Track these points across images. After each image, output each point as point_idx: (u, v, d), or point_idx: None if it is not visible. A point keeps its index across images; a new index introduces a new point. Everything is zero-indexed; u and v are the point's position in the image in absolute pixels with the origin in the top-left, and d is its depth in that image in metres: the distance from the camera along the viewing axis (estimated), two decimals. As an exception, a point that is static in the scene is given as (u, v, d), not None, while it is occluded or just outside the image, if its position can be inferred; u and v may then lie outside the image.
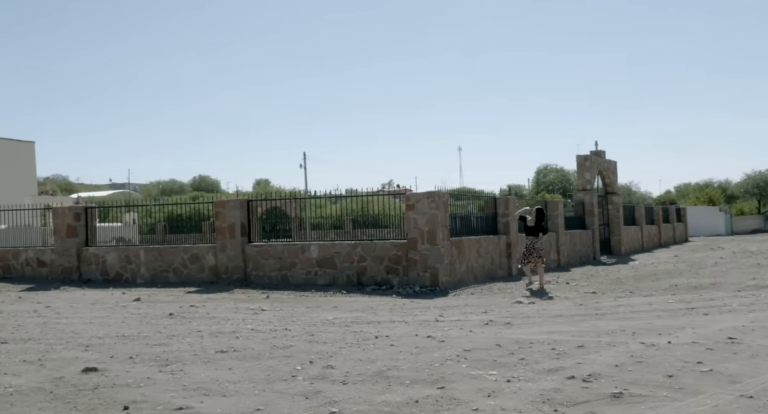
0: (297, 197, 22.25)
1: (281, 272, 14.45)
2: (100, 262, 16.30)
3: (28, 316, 10.31)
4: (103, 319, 9.76)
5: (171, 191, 61.59)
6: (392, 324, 8.74)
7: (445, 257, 13.43)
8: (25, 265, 16.99)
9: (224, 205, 15.17)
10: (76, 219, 16.60)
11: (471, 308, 10.33)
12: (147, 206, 23.16)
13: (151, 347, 7.24)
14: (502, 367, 5.92)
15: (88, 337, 7.99)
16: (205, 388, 5.38)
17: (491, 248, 15.93)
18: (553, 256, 19.74)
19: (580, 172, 24.40)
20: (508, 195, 21.80)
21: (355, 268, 13.83)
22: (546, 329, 8.02)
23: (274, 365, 6.18)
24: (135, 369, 6.13)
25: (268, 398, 5.03)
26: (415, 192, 14.61)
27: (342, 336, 7.77)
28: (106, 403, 4.99)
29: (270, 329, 8.40)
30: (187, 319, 9.51)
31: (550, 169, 61.48)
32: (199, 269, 15.28)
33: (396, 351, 6.76)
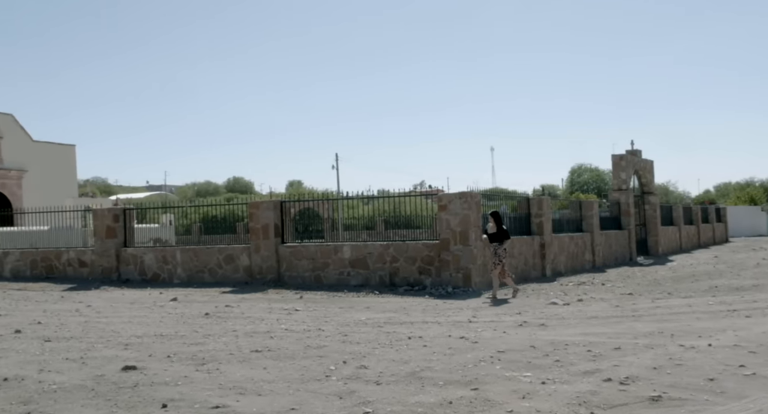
0: (329, 198, 22.40)
1: (314, 273, 14.55)
2: (138, 263, 16.64)
3: (70, 315, 10.59)
4: (142, 318, 9.96)
5: (206, 193, 62.59)
6: (425, 325, 8.72)
7: (478, 258, 13.35)
8: (67, 265, 17.45)
9: (258, 207, 15.35)
10: (115, 220, 16.98)
11: (504, 309, 10.25)
12: (183, 207, 23.56)
13: (187, 346, 7.37)
14: (536, 368, 5.86)
15: (128, 336, 8.17)
16: (240, 387, 5.45)
17: (524, 249, 15.78)
18: (587, 256, 19.47)
19: (615, 172, 24.01)
20: (542, 195, 21.57)
21: (387, 269, 13.84)
22: (581, 331, 7.91)
23: (308, 365, 6.23)
24: (172, 368, 6.25)
25: (302, 398, 5.07)
26: (447, 192, 14.57)
27: (375, 336, 7.78)
28: (145, 401, 5.09)
29: (304, 329, 8.46)
30: (223, 319, 9.65)
31: (584, 169, 60.65)
32: (234, 270, 15.49)
33: (429, 352, 6.75)
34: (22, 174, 37.72)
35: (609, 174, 41.63)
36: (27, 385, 5.68)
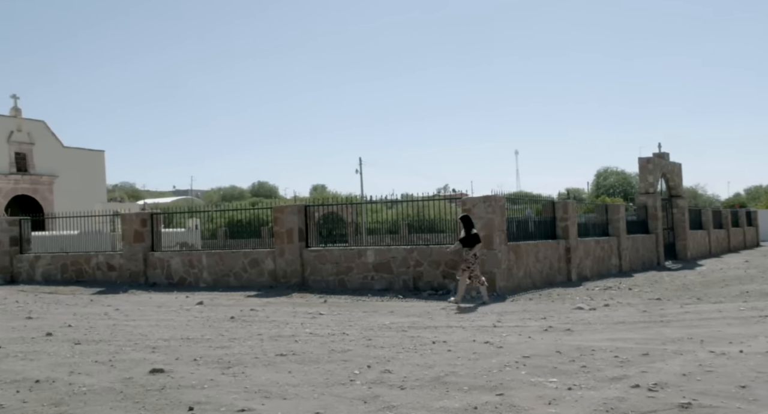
0: (353, 202, 22.46)
1: (338, 277, 14.59)
2: (165, 267, 16.86)
3: (99, 318, 10.77)
4: (169, 321, 10.09)
5: (231, 197, 63.22)
6: (449, 329, 8.69)
7: (503, 262, 13.27)
8: (96, 269, 17.75)
9: (282, 211, 15.45)
10: (142, 225, 17.23)
11: (529, 314, 10.16)
12: (209, 212, 23.84)
13: (213, 350, 7.44)
14: (562, 374, 5.80)
15: (155, 339, 8.28)
16: (265, 390, 5.48)
17: (550, 253, 15.63)
18: (614, 261, 19.22)
19: (642, 175, 23.67)
20: (567, 199, 21.36)
21: (411, 273, 13.82)
22: (608, 336, 7.80)
23: (332, 369, 6.25)
24: (199, 371, 6.31)
25: (327, 402, 5.09)
26: (472, 196, 14.51)
27: (399, 341, 7.78)
28: (172, 403, 5.15)
29: (328, 333, 8.49)
30: (248, 323, 9.73)
31: (610, 172, 59.91)
32: (259, 273, 15.60)
33: (453, 356, 6.72)
34: (53, 179, 38.54)
35: (635, 177, 41.04)
36: (58, 387, 5.79)
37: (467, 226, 11.97)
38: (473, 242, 11.85)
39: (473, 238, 11.87)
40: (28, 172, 37.46)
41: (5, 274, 18.81)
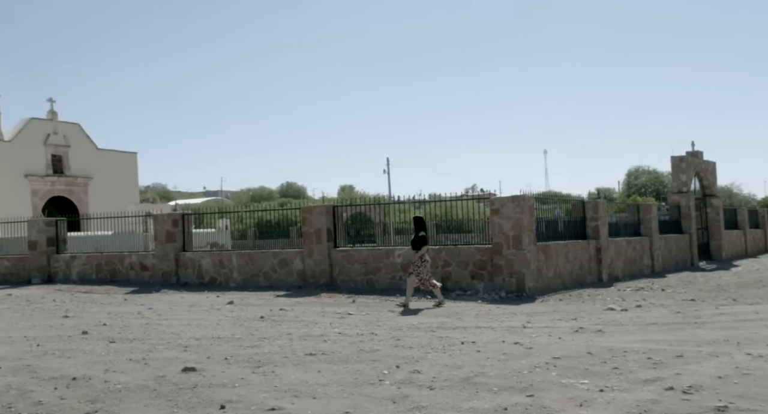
0: (381, 203, 22.50)
1: (366, 277, 14.63)
2: (196, 267, 17.10)
3: (133, 317, 10.97)
4: (200, 321, 10.23)
5: (260, 198, 63.82)
6: (478, 330, 8.65)
7: (532, 262, 13.15)
8: (129, 269, 18.09)
9: (311, 211, 15.55)
10: (174, 225, 17.50)
11: (560, 315, 10.05)
12: (238, 212, 24.11)
13: (244, 349, 7.52)
14: (594, 376, 5.72)
15: (187, 338, 8.41)
16: (295, 389, 5.53)
17: (580, 253, 15.45)
18: (646, 261, 18.90)
19: (675, 174, 23.23)
20: (597, 198, 21.05)
21: (439, 273, 13.78)
22: (641, 338, 7.68)
23: (361, 369, 6.27)
24: (230, 370, 6.39)
25: (356, 401, 5.11)
26: (500, 196, 14.41)
27: (428, 341, 7.77)
28: (204, 402, 5.22)
29: (356, 333, 8.52)
30: (277, 322, 9.81)
31: (642, 172, 58.91)
32: (288, 273, 15.73)
33: (483, 357, 6.69)
34: (88, 181, 39.38)
35: (668, 176, 40.31)
36: (94, 384, 5.91)
37: (416, 228, 11.82)
38: (419, 244, 11.64)
39: (419, 241, 11.68)
40: (64, 173, 38.34)
41: (43, 274, 19.29)
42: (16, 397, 5.50)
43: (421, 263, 11.62)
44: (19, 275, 19.79)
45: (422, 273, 11.61)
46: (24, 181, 36.28)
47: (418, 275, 11.60)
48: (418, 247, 11.66)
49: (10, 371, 6.56)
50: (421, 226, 11.81)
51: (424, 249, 11.62)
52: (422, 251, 11.60)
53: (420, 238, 11.70)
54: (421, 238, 11.71)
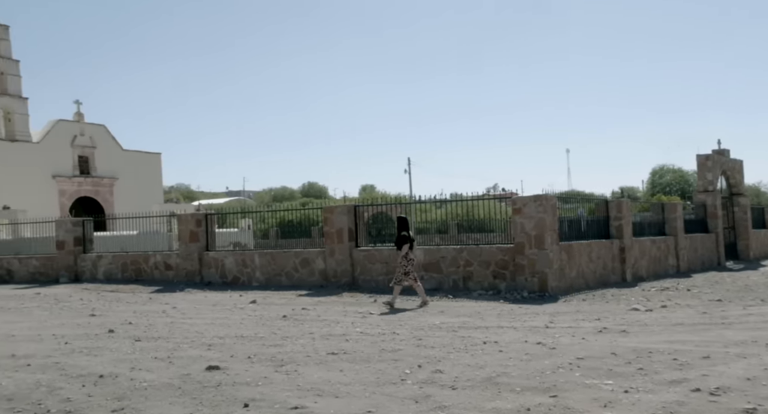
0: (402, 202, 22.49)
1: (388, 276, 14.62)
2: (219, 266, 17.27)
3: (158, 316, 11.12)
4: (223, 320, 10.34)
5: (282, 198, 64.17)
6: (500, 330, 8.61)
7: (554, 262, 13.05)
8: (154, 268, 18.33)
9: (332, 211, 15.61)
10: (197, 225, 17.69)
11: (583, 315, 9.96)
12: (260, 212, 24.29)
13: (267, 348, 7.58)
14: (618, 376, 5.67)
15: (210, 337, 8.50)
16: (318, 388, 5.56)
17: (603, 253, 15.28)
18: (671, 261, 18.65)
19: (700, 173, 22.86)
20: (621, 197, 20.82)
21: (461, 273, 13.75)
22: (666, 338, 7.58)
23: (383, 368, 6.28)
24: (253, 368, 6.45)
25: (378, 401, 5.12)
26: (522, 195, 14.32)
27: (450, 341, 7.75)
28: (228, 400, 5.28)
29: (378, 332, 8.53)
30: (300, 322, 9.87)
31: (666, 170, 58.09)
32: (309, 273, 15.81)
33: (505, 357, 6.66)
34: (114, 181, 40.01)
35: (693, 175, 39.63)
36: (120, 382, 6.01)
37: (399, 227, 12.07)
38: (400, 243, 11.84)
39: (402, 240, 11.86)
40: (90, 174, 38.99)
41: (70, 273, 19.63)
42: (45, 394, 5.61)
43: (407, 262, 11.79)
44: (48, 274, 20.17)
45: (412, 271, 11.80)
46: (52, 181, 36.98)
47: (407, 274, 11.74)
48: (400, 246, 11.86)
49: (39, 368, 6.69)
50: (404, 226, 12.06)
51: (405, 248, 11.80)
52: (404, 250, 11.79)
53: (402, 238, 11.90)
54: (403, 237, 11.91)
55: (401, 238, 11.90)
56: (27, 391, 5.72)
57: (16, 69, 37.13)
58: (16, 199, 32.81)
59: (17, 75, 37.09)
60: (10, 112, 36.26)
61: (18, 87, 36.95)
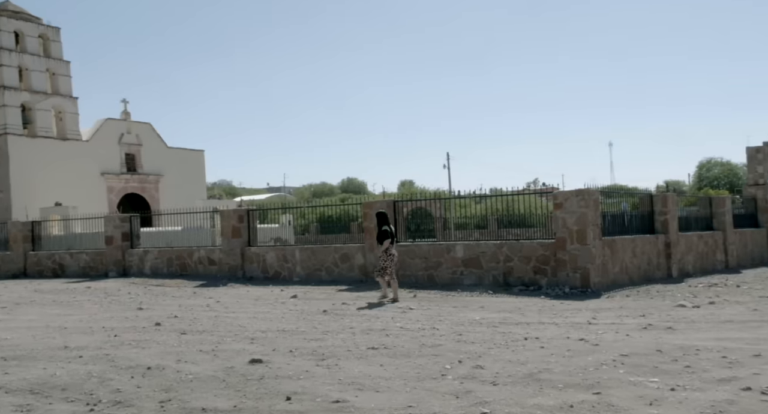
0: (441, 197, 22.39)
1: (427, 272, 14.63)
2: (260, 261, 17.53)
3: (202, 310, 11.37)
4: (265, 314, 10.50)
5: (322, 193, 64.70)
6: (542, 325, 8.52)
7: (597, 257, 12.82)
8: (198, 263, 18.72)
9: (372, 206, 15.66)
10: (239, 221, 17.99)
11: (627, 311, 9.77)
12: (301, 208, 24.54)
13: (308, 342, 7.67)
14: (664, 374, 5.55)
15: (253, 331, 8.65)
16: (358, 382, 5.60)
17: (648, 248, 14.94)
18: (719, 256, 18.11)
19: (751, 166, 22.17)
20: (666, 191, 20.29)
21: (501, 268, 13.64)
22: (714, 335, 7.38)
23: (423, 363, 6.29)
24: (295, 362, 6.54)
25: (419, 396, 5.13)
26: (563, 190, 14.10)
27: (490, 336, 7.71)
28: (271, 393, 5.37)
29: (418, 328, 8.54)
30: (340, 316, 9.95)
31: (714, 163, 56.41)
32: (349, 268, 15.91)
33: (547, 353, 6.59)
34: (159, 178, 40.97)
35: (743, 168, 38.41)
36: (167, 374, 6.17)
37: (379, 223, 12.27)
38: (382, 238, 12.05)
39: (382, 235, 12.07)
40: (137, 171, 40.01)
41: (118, 267, 20.22)
42: (96, 385, 5.81)
43: (387, 257, 11.99)
44: (97, 268, 20.81)
45: (390, 266, 11.97)
46: (100, 178, 38.09)
47: (384, 269, 11.95)
48: (381, 241, 12.07)
49: (91, 360, 6.93)
50: (384, 221, 12.28)
51: (386, 243, 11.98)
52: (385, 245, 11.99)
53: (383, 233, 12.10)
54: (384, 232, 12.10)
55: (382, 233, 12.12)
56: (80, 382, 5.93)
57: (66, 70, 38.31)
58: (67, 195, 33.94)
59: (68, 75, 38.27)
60: (62, 112, 37.46)
61: (68, 87, 38.14)
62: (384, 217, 12.38)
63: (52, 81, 37.62)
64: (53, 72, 37.66)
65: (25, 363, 6.88)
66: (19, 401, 5.37)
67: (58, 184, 35.00)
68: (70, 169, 36.07)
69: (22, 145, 34.69)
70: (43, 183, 34.72)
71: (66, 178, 35.60)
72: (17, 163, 34.24)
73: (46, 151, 35.52)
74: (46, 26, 37.91)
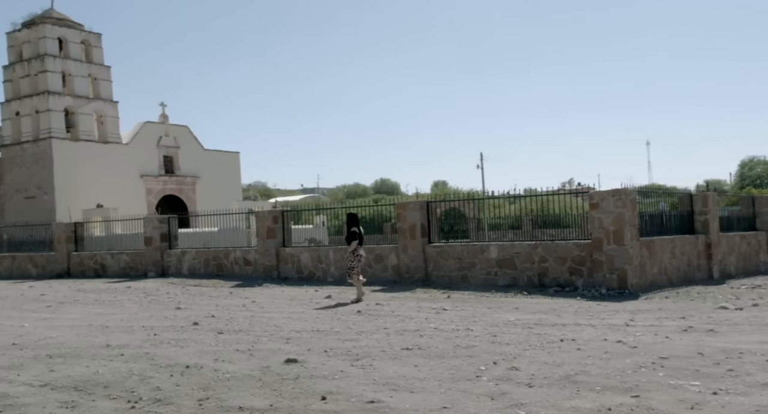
0: (474, 198, 22.27)
1: (461, 272, 14.57)
2: (295, 262, 17.70)
3: (238, 309, 11.53)
4: (300, 314, 10.60)
5: (355, 194, 64.97)
6: (578, 327, 8.40)
7: (634, 258, 12.59)
8: (234, 263, 19.00)
9: (405, 207, 15.67)
10: (274, 222, 18.19)
11: (666, 313, 9.57)
12: (334, 209, 24.69)
13: (342, 342, 7.72)
14: (706, 377, 5.42)
15: (288, 331, 8.74)
16: (393, 383, 5.62)
17: (687, 249, 14.61)
18: (762, 257, 17.61)
19: (796, 162, 21.41)
20: (706, 191, 19.83)
21: (535, 269, 13.50)
22: (758, 338, 7.18)
23: (458, 364, 6.27)
24: (329, 362, 6.59)
25: (453, 397, 5.12)
26: (599, 190, 13.87)
27: (525, 338, 7.64)
28: (306, 392, 5.42)
29: (452, 328, 8.52)
30: (374, 317, 9.98)
31: (757, 162, 54.80)
32: (383, 269, 15.94)
33: (583, 355, 6.50)
34: (196, 180, 41.70)
35: (788, 165, 37.17)
36: (205, 372, 6.29)
37: (349, 224, 12.64)
38: (350, 239, 12.44)
39: (351, 236, 12.44)
40: (175, 173, 40.79)
41: (157, 268, 20.65)
42: (137, 383, 5.95)
43: (354, 257, 12.37)
44: (137, 269, 21.29)
45: (357, 266, 12.37)
46: (139, 181, 38.95)
47: (351, 269, 12.38)
48: (349, 241, 12.44)
49: (131, 358, 7.10)
50: (354, 223, 12.65)
51: (354, 244, 12.34)
52: (353, 246, 12.35)
53: (351, 234, 12.46)
54: (353, 233, 12.46)
55: (351, 234, 12.46)
56: (121, 379, 6.08)
57: (107, 74, 39.30)
58: (107, 197, 34.82)
59: (108, 80, 39.24)
60: (102, 116, 38.43)
61: (109, 91, 39.11)
62: (354, 219, 12.80)
63: (94, 86, 38.62)
64: (95, 77, 38.66)
65: (69, 361, 7.09)
66: (64, 398, 5.54)
67: (99, 186, 35.92)
68: (111, 171, 36.98)
69: (66, 149, 35.70)
70: (85, 185, 35.67)
71: (107, 180, 36.52)
72: (61, 165, 35.25)
73: (88, 154, 36.49)
74: (88, 32, 38.95)
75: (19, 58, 37.75)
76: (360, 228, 12.72)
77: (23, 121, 36.74)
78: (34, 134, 36.28)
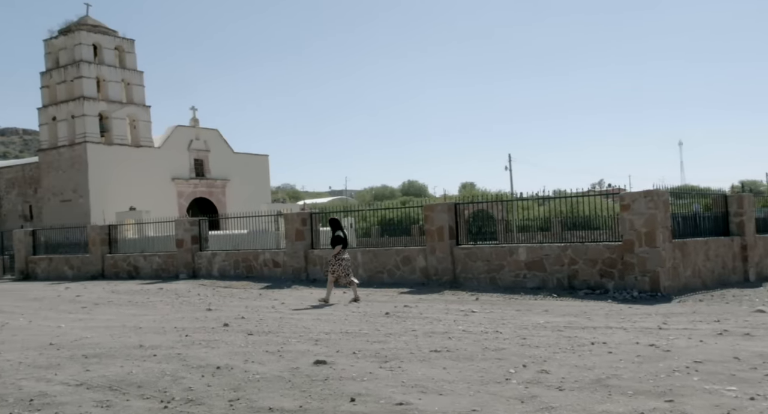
0: (503, 199, 22.13)
1: (489, 274, 14.48)
2: (323, 263, 17.74)
3: (267, 311, 11.64)
4: (329, 316, 10.66)
5: (382, 196, 65.03)
6: (609, 330, 8.29)
7: (667, 260, 12.36)
8: (263, 265, 19.18)
9: (433, 209, 15.64)
10: (303, 224, 18.32)
11: (700, 316, 9.38)
12: (362, 211, 24.76)
13: (371, 344, 7.74)
14: (742, 382, 5.31)
15: (317, 332, 8.79)
16: (422, 385, 5.62)
17: (722, 251, 14.29)
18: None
19: (836, 161, 20.80)
20: (742, 191, 19.36)
21: (565, 271, 13.35)
22: (797, 344, 6.99)
23: (487, 367, 6.24)
24: (358, 364, 6.61)
25: (483, 399, 5.10)
26: (631, 191, 13.65)
27: (555, 341, 7.57)
28: (335, 394, 5.45)
29: (481, 331, 8.48)
30: (402, 319, 9.99)
31: (795, 160, 53.22)
32: (411, 271, 15.93)
33: (615, 359, 6.41)
34: (226, 183, 42.25)
35: (828, 164, 36.10)
36: (235, 373, 6.37)
37: (332, 228, 12.83)
38: (334, 243, 12.59)
39: (335, 240, 12.60)
40: (205, 176, 41.39)
41: (188, 269, 20.95)
42: (169, 383, 6.06)
43: (336, 261, 12.55)
44: (169, 270, 21.63)
45: (337, 270, 12.52)
46: (171, 184, 39.60)
47: (333, 273, 12.55)
48: (334, 246, 12.62)
49: (164, 359, 7.22)
50: (337, 227, 12.84)
51: (337, 248, 12.51)
52: (336, 250, 12.52)
53: (335, 238, 12.64)
54: (336, 237, 12.63)
55: (335, 238, 12.65)
56: (154, 380, 6.20)
57: (140, 80, 40.09)
58: (140, 200, 35.47)
59: (141, 85, 40.03)
60: (135, 120, 39.19)
61: (142, 96, 39.88)
62: (336, 223, 13.00)
63: (127, 91, 39.42)
64: (128, 82, 39.46)
65: (104, 361, 7.24)
66: (99, 397, 5.66)
67: (132, 189, 36.63)
68: (143, 174, 37.67)
69: (100, 152, 36.50)
70: (118, 188, 36.41)
71: (139, 183, 37.21)
72: (95, 169, 36.05)
73: (121, 158, 37.24)
74: (122, 38, 39.77)
75: (56, 64, 38.72)
76: (344, 232, 12.96)
77: (59, 126, 37.67)
78: (69, 139, 37.16)
